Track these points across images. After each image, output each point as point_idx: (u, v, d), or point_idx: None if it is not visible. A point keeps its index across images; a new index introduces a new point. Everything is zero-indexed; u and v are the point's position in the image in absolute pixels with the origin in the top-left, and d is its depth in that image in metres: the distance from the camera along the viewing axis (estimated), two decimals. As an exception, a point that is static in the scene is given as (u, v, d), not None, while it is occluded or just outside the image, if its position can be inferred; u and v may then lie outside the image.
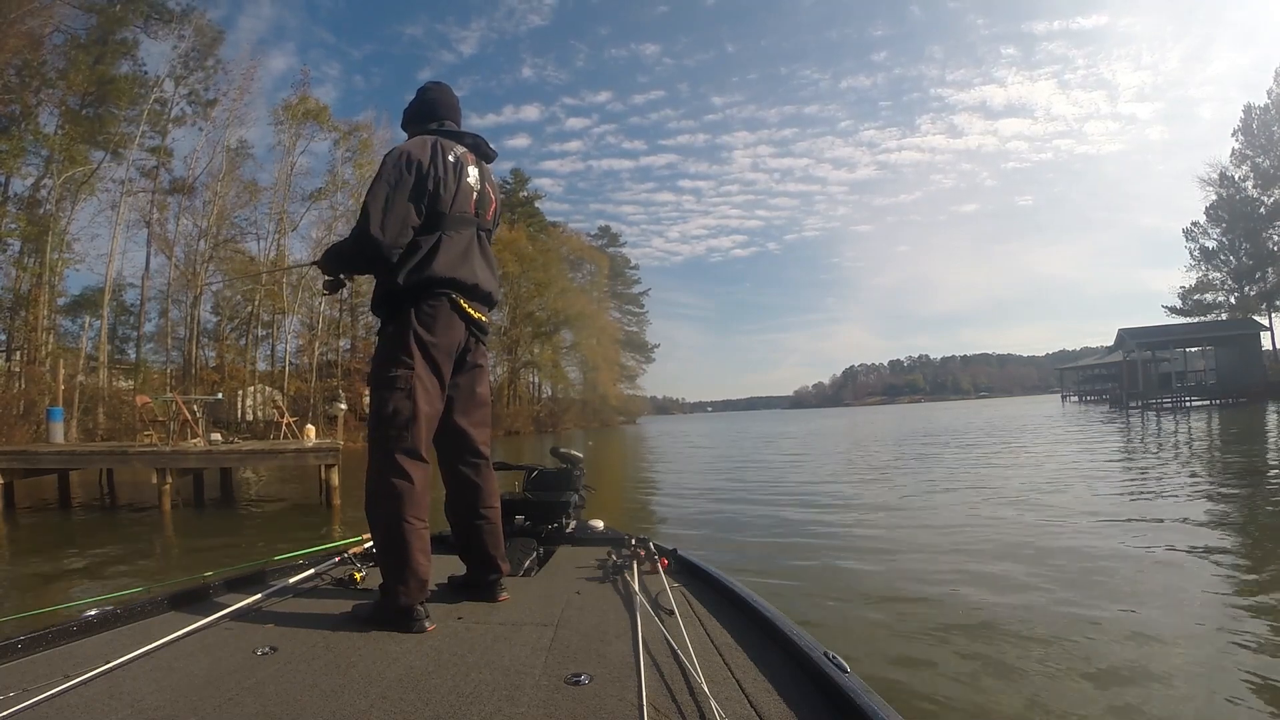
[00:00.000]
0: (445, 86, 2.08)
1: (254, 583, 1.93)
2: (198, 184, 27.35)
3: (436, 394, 1.80)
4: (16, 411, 18.55)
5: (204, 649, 1.42)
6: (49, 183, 22.92)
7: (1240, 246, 40.09)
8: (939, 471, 11.25)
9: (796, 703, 1.09)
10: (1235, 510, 6.55)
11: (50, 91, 22.80)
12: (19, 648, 1.38)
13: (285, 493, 12.03)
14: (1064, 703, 2.62)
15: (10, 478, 9.69)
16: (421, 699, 1.14)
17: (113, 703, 1.13)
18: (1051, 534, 5.71)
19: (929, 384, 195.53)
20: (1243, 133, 39.88)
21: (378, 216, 1.73)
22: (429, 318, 1.78)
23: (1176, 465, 10.33)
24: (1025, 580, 4.34)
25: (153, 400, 13.74)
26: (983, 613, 3.75)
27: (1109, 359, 48.08)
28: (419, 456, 1.73)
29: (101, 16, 24.03)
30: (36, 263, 22.73)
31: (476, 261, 1.89)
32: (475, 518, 1.89)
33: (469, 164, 1.93)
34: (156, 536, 7.75)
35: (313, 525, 8.30)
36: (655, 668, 1.26)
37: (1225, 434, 16.51)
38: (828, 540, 6.04)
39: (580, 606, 1.71)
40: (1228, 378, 34.93)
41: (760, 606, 1.53)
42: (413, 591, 1.61)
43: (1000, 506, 7.24)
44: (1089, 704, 2.61)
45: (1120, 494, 7.80)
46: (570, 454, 3.20)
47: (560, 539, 2.57)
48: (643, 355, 65.11)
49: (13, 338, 22.63)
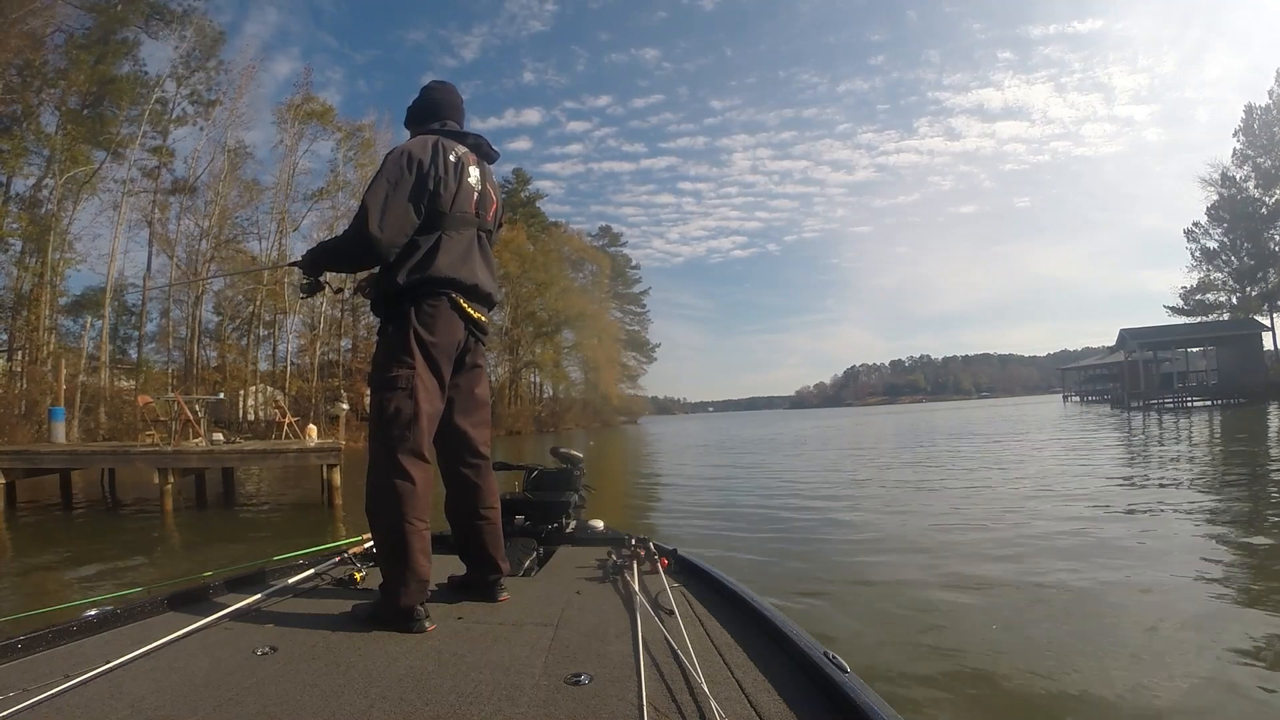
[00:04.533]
0: (449, 86, 2.07)
1: (254, 583, 1.93)
2: (199, 184, 27.45)
3: (437, 394, 1.80)
4: (18, 411, 18.60)
5: (204, 649, 1.42)
6: (50, 183, 22.96)
7: (1242, 247, 39.98)
8: (941, 472, 11.24)
9: (796, 703, 1.09)
10: (1245, 506, 6.54)
11: (51, 91, 22.85)
12: (19, 648, 1.38)
13: (287, 493, 12.04)
14: (1065, 702, 2.62)
15: (12, 477, 9.69)
16: (422, 699, 1.14)
17: (113, 703, 1.13)
18: (1055, 534, 5.70)
19: (930, 384, 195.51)
20: (1244, 133, 39.76)
21: (376, 215, 1.71)
22: (429, 318, 1.77)
23: (1182, 465, 10.32)
24: (1026, 581, 4.33)
25: (154, 400, 13.76)
26: (984, 613, 3.74)
27: (1110, 359, 48.00)
28: (421, 456, 1.72)
29: (102, 17, 24.05)
30: (38, 262, 22.78)
31: (476, 262, 1.88)
32: (475, 518, 1.89)
33: (470, 164, 1.92)
34: (158, 536, 7.76)
35: (314, 525, 8.31)
36: (655, 668, 1.25)
37: (1230, 433, 16.49)
38: (828, 540, 6.03)
39: (580, 606, 1.71)
40: (1229, 378, 34.86)
41: (760, 606, 1.53)
42: (413, 592, 1.61)
43: (1005, 507, 7.23)
44: (1090, 703, 2.60)
45: (1124, 493, 7.78)
46: (570, 454, 3.19)
47: (560, 539, 2.57)
48: (644, 355, 65.23)
49: (14, 337, 22.66)
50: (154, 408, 12.78)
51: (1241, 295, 40.01)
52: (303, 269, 1.91)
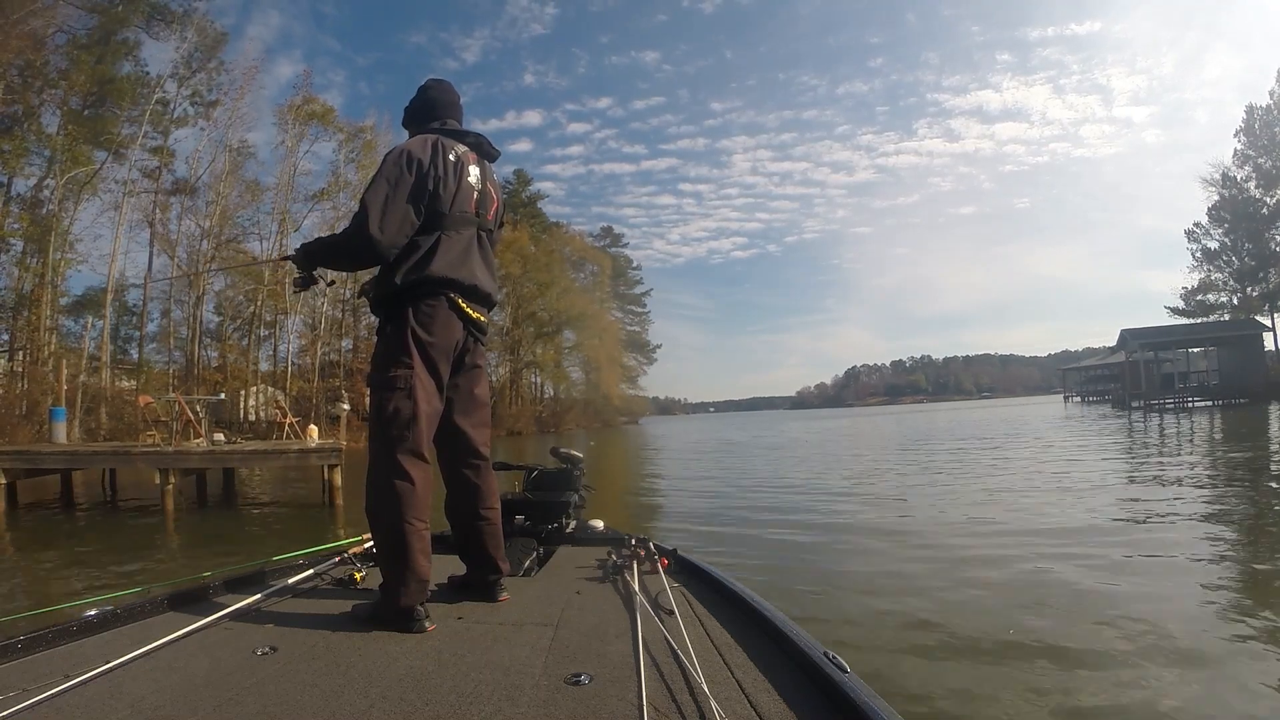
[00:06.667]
0: (446, 84, 2.06)
1: (254, 583, 1.93)
2: (200, 184, 27.46)
3: (435, 394, 1.79)
4: (19, 411, 18.61)
5: (204, 649, 1.42)
6: (51, 183, 22.98)
7: (1243, 247, 39.94)
8: (943, 473, 11.23)
9: (796, 703, 1.09)
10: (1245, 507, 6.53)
11: (53, 92, 22.86)
12: (19, 648, 1.38)
13: (288, 493, 12.04)
14: (1065, 702, 2.62)
15: (13, 478, 9.71)
16: (422, 699, 1.14)
17: (113, 703, 1.13)
18: (1057, 536, 5.69)
19: (931, 384, 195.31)
20: (1245, 133, 39.73)
21: (377, 215, 1.70)
22: (427, 318, 1.77)
23: (1183, 465, 10.31)
24: (1028, 582, 4.33)
25: (155, 400, 13.76)
26: (984, 613, 3.74)
27: (1111, 359, 47.98)
28: (420, 457, 1.72)
29: (103, 17, 24.07)
30: (39, 263, 22.80)
31: (475, 262, 1.88)
32: (475, 518, 1.89)
33: (470, 163, 1.92)
34: (159, 537, 7.76)
35: (315, 525, 8.31)
36: (655, 668, 1.25)
37: (1231, 434, 16.46)
38: (828, 540, 6.03)
39: (580, 606, 1.71)
40: (1230, 378, 34.86)
41: (760, 606, 1.53)
42: (413, 592, 1.61)
43: (1007, 508, 7.23)
44: (1091, 704, 2.60)
45: (1125, 493, 7.78)
46: (570, 454, 3.19)
47: (560, 539, 2.57)
48: (645, 355, 65.15)
49: (15, 338, 22.68)
50: (155, 408, 12.78)
51: (1242, 295, 39.98)
52: (296, 264, 1.89)
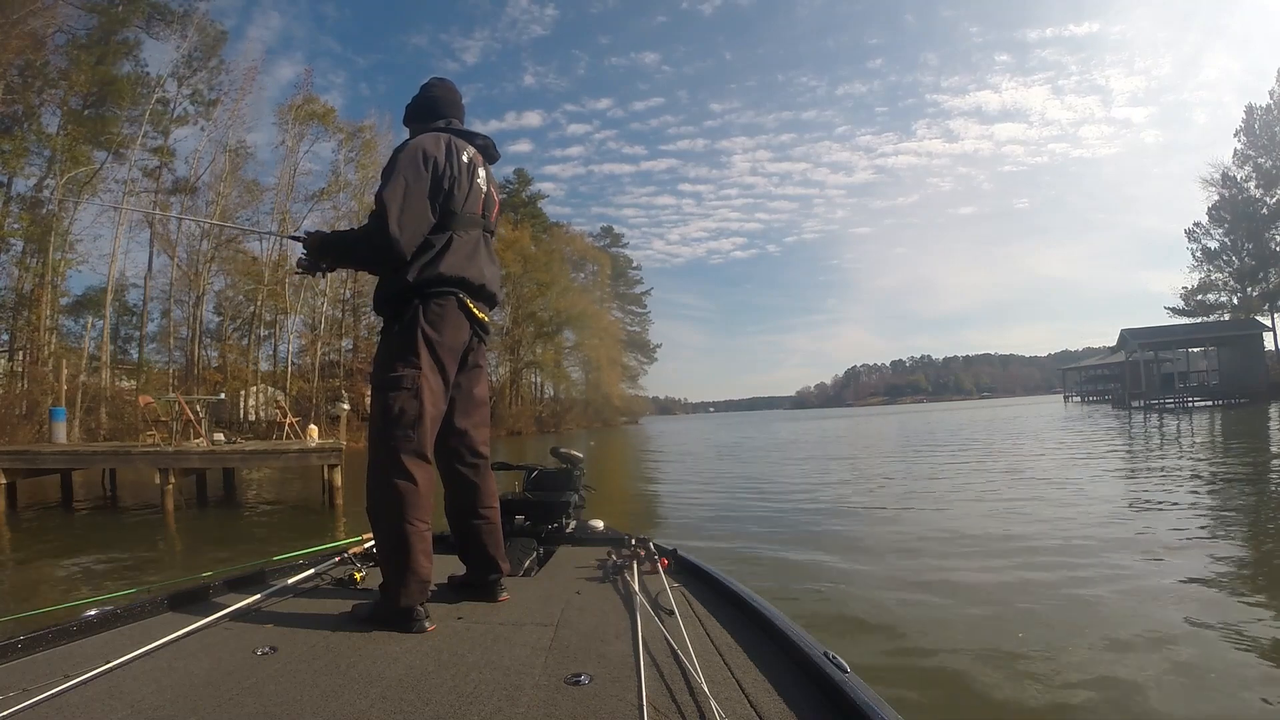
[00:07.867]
0: (450, 84, 2.05)
1: (254, 583, 1.93)
2: (200, 184, 27.47)
3: (441, 394, 1.78)
4: (19, 411, 18.60)
5: (204, 649, 1.42)
6: (51, 183, 22.99)
7: (1243, 247, 39.95)
8: (944, 473, 11.23)
9: (796, 703, 1.09)
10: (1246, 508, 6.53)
11: (53, 92, 22.89)
12: (19, 648, 1.38)
13: (288, 493, 12.04)
14: (1066, 702, 2.62)
15: (13, 478, 9.70)
16: (421, 699, 1.14)
17: (113, 703, 1.13)
18: (1058, 536, 5.69)
19: (931, 384, 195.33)
20: (1245, 133, 39.73)
21: (396, 213, 1.68)
22: (437, 317, 1.75)
23: (1184, 466, 10.31)
24: (1028, 582, 4.32)
25: (155, 400, 13.74)
26: (985, 613, 3.74)
27: (1112, 359, 48.00)
28: (424, 458, 1.71)
29: (103, 17, 24.08)
30: (39, 263, 22.81)
31: (483, 262, 1.88)
32: (475, 518, 1.88)
33: (479, 165, 1.92)
34: (159, 537, 7.76)
35: (315, 525, 8.31)
36: (655, 668, 1.25)
37: (1231, 434, 16.46)
38: (829, 540, 6.03)
39: (580, 606, 1.71)
40: (1230, 378, 34.84)
41: (760, 606, 1.53)
42: (413, 592, 1.60)
43: (1008, 509, 7.22)
44: (1090, 704, 2.60)
45: (1126, 494, 7.78)
46: (570, 454, 3.19)
47: (560, 539, 2.56)
48: (645, 355, 65.23)
49: (15, 338, 22.70)
50: (155, 408, 12.76)
51: (1242, 295, 39.99)
52: (305, 246, 1.86)
